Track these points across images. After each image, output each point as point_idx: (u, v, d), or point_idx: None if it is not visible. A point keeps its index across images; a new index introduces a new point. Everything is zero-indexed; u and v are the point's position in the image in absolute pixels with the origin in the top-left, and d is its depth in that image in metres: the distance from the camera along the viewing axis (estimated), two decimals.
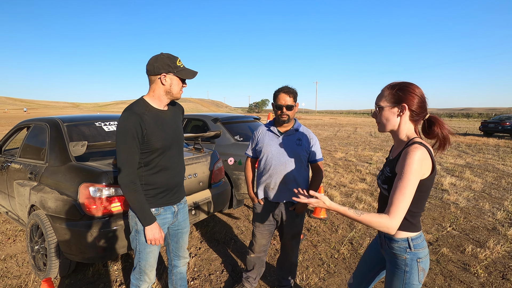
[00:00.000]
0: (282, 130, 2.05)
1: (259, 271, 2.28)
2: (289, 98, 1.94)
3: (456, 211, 4.20)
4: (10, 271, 2.61)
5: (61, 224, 2.16)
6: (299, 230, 2.11)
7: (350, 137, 15.58)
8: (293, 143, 2.01)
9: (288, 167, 1.98)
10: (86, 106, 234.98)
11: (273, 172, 2.00)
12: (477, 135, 16.83)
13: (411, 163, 1.09)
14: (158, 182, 1.61)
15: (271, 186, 2.02)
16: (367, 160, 8.34)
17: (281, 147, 2.00)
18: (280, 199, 2.03)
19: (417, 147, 1.12)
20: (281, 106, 1.95)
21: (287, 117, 1.97)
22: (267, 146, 2.03)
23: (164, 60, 1.51)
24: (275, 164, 1.99)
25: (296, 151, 2.00)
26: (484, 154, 9.55)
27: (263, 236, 2.14)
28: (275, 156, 2.00)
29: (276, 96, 1.98)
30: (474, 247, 3.09)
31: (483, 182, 5.84)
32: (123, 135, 1.45)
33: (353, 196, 4.89)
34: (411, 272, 1.21)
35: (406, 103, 1.19)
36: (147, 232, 1.52)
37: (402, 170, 1.11)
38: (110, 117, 3.17)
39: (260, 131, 2.13)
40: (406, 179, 1.09)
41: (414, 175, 1.09)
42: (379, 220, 1.09)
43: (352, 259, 2.85)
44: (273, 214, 2.08)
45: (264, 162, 2.05)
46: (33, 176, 2.54)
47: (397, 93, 1.21)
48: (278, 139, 2.03)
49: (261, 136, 2.10)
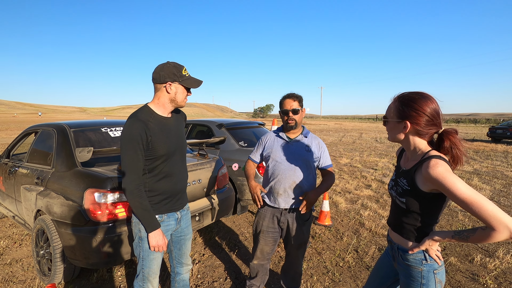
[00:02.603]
0: (291, 136, 2.04)
1: (263, 278, 2.25)
2: (294, 103, 1.95)
3: (464, 219, 4.12)
4: (16, 276, 2.63)
5: (66, 230, 2.18)
6: (305, 239, 2.08)
7: (355, 142, 15.49)
8: (302, 149, 2.01)
9: (298, 173, 1.97)
10: (93, 111, 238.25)
11: (282, 177, 1.98)
12: (485, 141, 16.58)
13: (447, 178, 1.01)
14: (161, 188, 1.62)
15: (280, 192, 1.99)
16: (372, 166, 8.27)
17: (291, 153, 2.00)
18: (288, 205, 2.01)
19: (437, 163, 1.05)
20: (287, 111, 1.95)
21: (294, 122, 1.96)
22: (277, 152, 2.02)
23: (170, 69, 1.53)
24: (284, 169, 1.98)
25: (305, 158, 1.99)
26: (492, 160, 9.40)
27: (266, 243, 2.10)
28: (284, 162, 1.99)
29: (282, 102, 1.99)
30: (483, 256, 3.02)
31: (491, 190, 5.74)
32: (128, 142, 1.47)
33: (358, 203, 4.84)
34: (428, 284, 1.17)
35: (409, 121, 1.13)
36: (151, 239, 1.52)
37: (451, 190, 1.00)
38: (115, 123, 3.20)
39: (269, 137, 2.12)
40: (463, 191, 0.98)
41: (459, 182, 1.00)
42: (491, 234, 0.96)
43: (357, 268, 2.81)
44: (278, 221, 2.05)
45: (272, 168, 2.03)
46: (40, 181, 2.57)
47: (402, 108, 1.15)
48: (288, 145, 2.02)
49: (269, 142, 2.09)
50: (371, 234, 3.60)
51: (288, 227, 2.04)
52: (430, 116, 1.11)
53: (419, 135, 1.16)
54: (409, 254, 1.21)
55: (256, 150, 2.17)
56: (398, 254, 1.26)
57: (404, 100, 1.16)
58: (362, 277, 2.65)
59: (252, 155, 2.18)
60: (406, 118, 1.14)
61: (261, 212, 2.11)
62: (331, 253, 3.11)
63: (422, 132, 1.14)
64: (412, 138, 1.18)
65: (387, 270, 1.39)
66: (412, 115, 1.13)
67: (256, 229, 2.13)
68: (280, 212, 2.03)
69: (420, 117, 1.11)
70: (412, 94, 1.16)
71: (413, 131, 1.16)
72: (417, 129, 1.14)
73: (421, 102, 1.12)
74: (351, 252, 3.12)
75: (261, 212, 2.10)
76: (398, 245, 1.26)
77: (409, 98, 1.15)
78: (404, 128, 1.16)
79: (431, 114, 1.11)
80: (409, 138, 1.18)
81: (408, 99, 1.15)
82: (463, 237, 1.04)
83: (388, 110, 1.23)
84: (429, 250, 1.16)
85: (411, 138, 1.18)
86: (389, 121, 1.21)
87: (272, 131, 2.15)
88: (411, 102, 1.14)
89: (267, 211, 2.08)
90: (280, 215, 2.03)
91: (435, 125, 1.13)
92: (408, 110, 1.13)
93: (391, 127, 1.22)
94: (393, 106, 1.20)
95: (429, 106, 1.11)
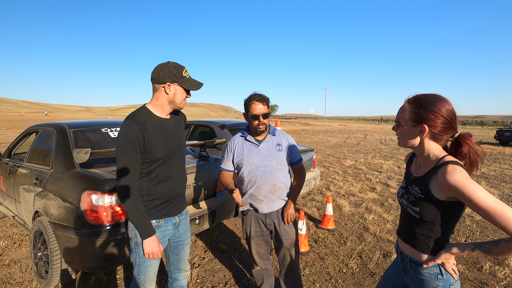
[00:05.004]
0: (259, 138, 1.96)
1: (270, 282, 2.18)
2: (263, 106, 1.85)
3: (472, 224, 4.01)
4: (13, 277, 2.60)
5: (63, 232, 2.14)
6: (294, 236, 2.03)
7: (359, 144, 15.33)
8: (274, 149, 1.94)
9: (275, 175, 1.91)
10: (99, 110, 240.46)
11: (260, 183, 1.90)
12: (493, 143, 16.30)
13: (466, 185, 0.95)
14: (159, 192, 1.56)
15: (260, 198, 1.92)
16: (377, 169, 8.15)
17: (263, 156, 1.92)
18: (272, 209, 1.96)
19: (455, 169, 0.99)
20: (257, 116, 1.83)
21: (265, 126, 1.89)
22: (249, 158, 1.92)
23: (170, 69, 1.48)
24: (261, 174, 1.90)
25: (278, 157, 1.93)
26: (500, 164, 9.20)
27: (260, 246, 2.06)
28: (259, 166, 1.90)
29: (249, 106, 1.85)
30: (492, 264, 2.91)
31: (499, 194, 5.60)
32: (124, 144, 1.41)
33: (362, 206, 4.74)
34: None
35: (427, 124, 1.06)
36: (145, 246, 1.46)
37: (471, 198, 0.94)
38: (116, 123, 3.16)
39: (236, 143, 1.99)
40: (485, 200, 0.92)
41: (480, 190, 0.94)
42: None
43: (361, 274, 2.73)
44: (265, 224, 2.00)
45: (248, 175, 1.92)
46: (38, 181, 2.54)
47: (418, 111, 1.07)
48: (258, 149, 1.94)
49: (238, 148, 1.98)
50: (376, 239, 3.51)
51: (276, 228, 2.00)
52: (448, 119, 1.05)
53: (435, 139, 1.09)
54: (423, 268, 1.13)
55: (227, 159, 2.02)
56: (410, 267, 1.18)
57: (421, 103, 1.07)
58: (366, 284, 2.57)
59: (224, 165, 2.03)
60: (423, 122, 1.06)
61: (245, 219, 2.05)
62: (334, 259, 3.03)
63: (439, 136, 1.07)
64: (427, 143, 1.10)
65: (396, 284, 1.31)
66: (429, 118, 1.05)
67: (247, 236, 2.08)
68: (264, 215, 1.98)
69: (438, 120, 1.04)
70: (428, 96, 1.08)
71: (430, 136, 1.09)
72: (434, 133, 1.07)
73: (438, 104, 1.05)
74: (355, 257, 3.04)
75: (245, 219, 2.05)
76: (410, 257, 1.18)
77: (426, 100, 1.07)
78: (421, 133, 1.08)
79: (449, 117, 1.04)
80: (424, 143, 1.10)
81: (425, 101, 1.07)
82: (484, 249, 0.97)
83: (401, 113, 1.14)
84: (445, 264, 1.08)
85: (426, 143, 1.10)
86: (403, 125, 1.12)
87: (239, 134, 2.02)
88: (428, 104, 1.06)
89: (251, 217, 2.02)
90: (264, 217, 1.99)
91: (453, 128, 1.06)
92: (426, 112, 1.05)
93: (405, 132, 1.13)
94: (408, 109, 1.11)
95: (446, 108, 1.05)
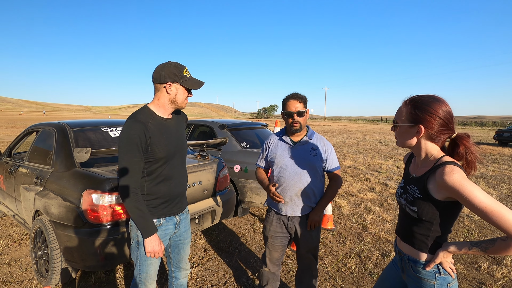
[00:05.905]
0: (295, 139, 1.93)
1: (274, 286, 2.13)
2: (299, 104, 1.84)
3: (470, 224, 4.03)
4: (13, 276, 2.60)
5: (63, 231, 2.15)
6: (314, 244, 1.97)
7: (359, 144, 15.36)
8: (308, 153, 1.89)
9: (303, 179, 1.86)
10: (98, 110, 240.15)
11: (287, 185, 1.87)
12: (492, 144, 16.34)
13: (464, 185, 0.96)
14: (160, 192, 1.57)
15: (286, 200, 1.89)
16: (376, 169, 8.17)
17: (295, 158, 1.88)
18: (295, 213, 1.91)
19: (453, 169, 1.00)
20: (292, 113, 1.83)
21: (299, 125, 1.85)
22: (280, 158, 1.91)
23: (171, 69, 1.49)
24: (289, 176, 1.87)
25: (311, 162, 1.88)
26: (499, 164, 9.24)
27: (275, 249, 2.01)
28: (289, 168, 1.88)
29: (285, 103, 1.87)
30: (490, 264, 2.93)
31: (498, 194, 5.62)
32: (126, 144, 1.42)
33: (361, 206, 4.76)
34: None
35: (423, 125, 1.07)
36: (147, 244, 1.47)
37: (469, 199, 0.95)
38: (116, 122, 3.17)
39: (272, 141, 2.01)
40: (482, 200, 0.93)
41: (477, 190, 0.95)
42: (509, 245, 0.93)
43: (360, 274, 2.74)
44: (286, 226, 1.96)
45: (277, 175, 1.92)
46: (39, 181, 2.55)
47: (415, 112, 1.09)
48: (292, 150, 1.91)
49: (272, 147, 1.98)
50: (375, 239, 3.53)
51: (296, 233, 1.94)
52: (445, 120, 1.06)
53: (432, 140, 1.10)
54: (421, 266, 1.14)
55: (262, 156, 2.07)
56: (409, 265, 1.19)
57: (417, 104, 1.09)
58: (364, 284, 2.58)
59: (259, 162, 2.09)
60: (419, 122, 1.08)
61: (268, 216, 2.03)
62: (333, 258, 3.04)
63: (435, 137, 1.09)
64: (424, 143, 1.12)
65: (394, 282, 1.32)
66: (426, 119, 1.07)
67: (265, 235, 2.06)
68: (287, 217, 1.94)
69: (434, 121, 1.06)
70: (424, 97, 1.10)
71: (426, 136, 1.10)
72: (430, 133, 1.08)
73: (435, 105, 1.07)
74: (354, 257, 3.06)
75: (268, 216, 2.03)
76: (409, 256, 1.20)
77: (422, 101, 1.09)
78: (417, 133, 1.10)
79: (445, 118, 1.06)
80: (421, 143, 1.12)
81: (421, 102, 1.09)
82: (481, 248, 0.98)
83: (398, 114, 1.16)
84: (443, 262, 1.10)
85: (423, 143, 1.12)
86: (400, 126, 1.14)
87: (275, 134, 2.04)
88: (424, 105, 1.08)
89: (273, 215, 1.99)
90: (287, 220, 1.94)
91: (449, 129, 1.08)
92: (422, 113, 1.07)
93: (402, 132, 1.15)
94: (404, 110, 1.13)
95: (443, 109, 1.06)
